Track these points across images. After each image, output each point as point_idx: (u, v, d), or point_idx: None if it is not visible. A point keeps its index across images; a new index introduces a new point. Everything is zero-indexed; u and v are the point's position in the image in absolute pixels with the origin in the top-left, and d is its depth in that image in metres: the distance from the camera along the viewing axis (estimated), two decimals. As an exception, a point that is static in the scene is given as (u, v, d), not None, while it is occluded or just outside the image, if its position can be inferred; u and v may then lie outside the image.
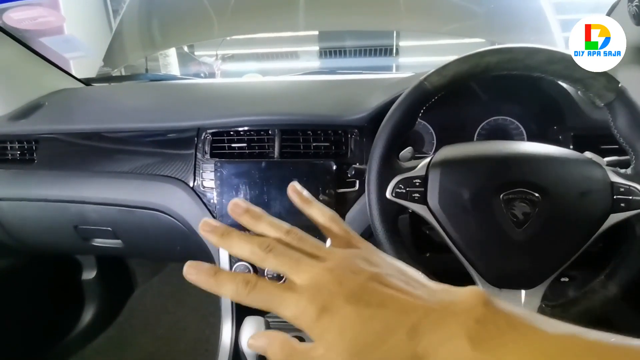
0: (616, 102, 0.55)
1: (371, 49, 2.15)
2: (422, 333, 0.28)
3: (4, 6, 1.14)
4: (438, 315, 0.29)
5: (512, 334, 0.28)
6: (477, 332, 0.28)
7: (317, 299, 0.28)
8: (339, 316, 0.28)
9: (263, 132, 0.86)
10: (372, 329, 0.28)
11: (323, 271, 0.29)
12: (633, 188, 0.56)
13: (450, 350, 0.28)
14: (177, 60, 2.29)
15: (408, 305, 0.29)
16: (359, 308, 0.28)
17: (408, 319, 0.29)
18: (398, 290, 0.30)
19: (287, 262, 0.30)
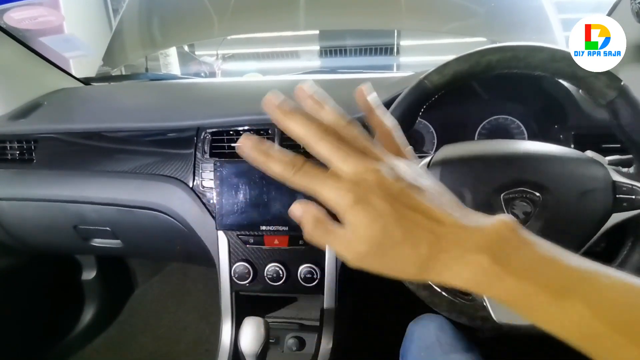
0: (618, 101, 0.54)
1: (372, 48, 2.14)
2: (446, 243, 0.30)
3: (5, 6, 1.14)
4: (467, 230, 0.30)
5: (534, 258, 0.29)
6: (500, 251, 0.29)
7: (356, 190, 0.30)
8: (372, 208, 0.30)
9: (262, 132, 0.85)
10: (398, 226, 0.30)
11: (368, 168, 0.31)
12: (636, 187, 0.55)
13: (469, 261, 0.29)
14: (177, 59, 2.29)
15: (441, 217, 0.31)
16: (393, 206, 0.30)
17: (438, 227, 0.30)
18: (434, 204, 0.31)
19: (337, 151, 0.31)
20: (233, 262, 0.85)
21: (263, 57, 2.51)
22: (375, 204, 0.30)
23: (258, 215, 0.81)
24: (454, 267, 0.30)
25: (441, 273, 0.31)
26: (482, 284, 0.30)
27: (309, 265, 0.82)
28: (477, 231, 0.31)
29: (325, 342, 0.85)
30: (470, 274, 0.30)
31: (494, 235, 0.30)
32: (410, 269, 0.31)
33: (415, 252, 0.30)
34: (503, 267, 0.29)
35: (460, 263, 0.30)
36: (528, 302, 0.29)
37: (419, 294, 0.59)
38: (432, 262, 0.30)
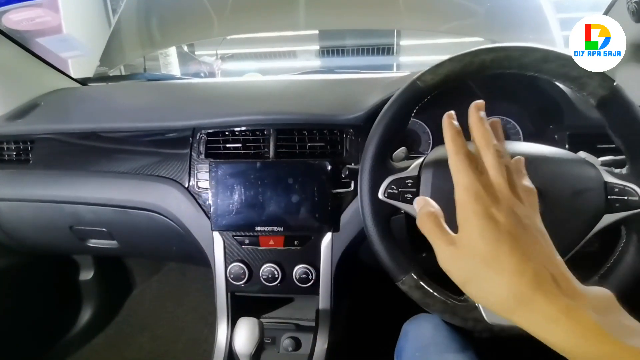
0: (611, 101, 0.54)
1: (371, 48, 2.15)
2: (547, 288, 0.31)
3: (4, 9, 1.14)
4: (571, 284, 0.32)
5: (631, 327, 0.30)
6: (603, 313, 0.30)
7: (489, 201, 0.35)
8: (494, 221, 0.33)
9: (258, 132, 0.85)
10: (509, 246, 0.32)
11: (509, 194, 0.36)
12: (628, 188, 0.55)
13: (570, 316, 0.30)
14: (177, 59, 2.29)
15: (551, 256, 0.34)
16: (513, 228, 0.33)
17: (546, 263, 0.33)
18: (549, 246, 0.35)
19: (497, 166, 0.37)
20: (228, 263, 0.85)
21: (262, 57, 2.51)
22: (498, 217, 0.33)
23: (253, 216, 0.81)
24: (550, 314, 0.30)
25: (534, 315, 0.31)
26: (579, 341, 0.30)
27: (305, 266, 0.82)
28: (582, 290, 0.32)
29: (321, 342, 0.85)
30: (569, 328, 0.30)
31: (599, 298, 0.31)
32: (505, 294, 0.31)
33: (517, 278, 0.31)
34: (605, 329, 0.29)
35: (560, 313, 0.30)
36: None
37: (412, 294, 0.59)
38: (528, 298, 0.30)
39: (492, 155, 0.38)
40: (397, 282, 0.59)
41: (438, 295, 0.58)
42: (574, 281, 0.32)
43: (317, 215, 0.80)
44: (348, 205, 0.81)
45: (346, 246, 0.82)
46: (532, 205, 0.39)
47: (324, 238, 0.82)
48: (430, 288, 0.58)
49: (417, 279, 0.58)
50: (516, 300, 0.31)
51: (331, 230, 0.81)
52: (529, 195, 0.40)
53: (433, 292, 0.58)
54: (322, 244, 0.82)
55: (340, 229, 0.81)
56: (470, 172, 0.36)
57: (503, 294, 0.32)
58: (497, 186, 0.36)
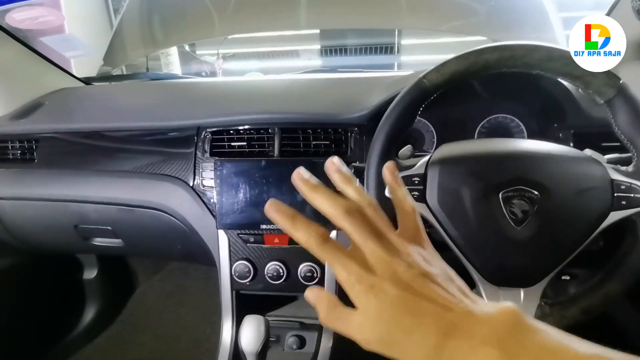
0: (617, 99, 0.54)
1: (373, 47, 2.15)
2: (455, 331, 0.31)
3: (7, 7, 1.14)
4: (476, 319, 0.31)
5: (543, 348, 0.30)
6: (508, 343, 0.30)
7: (370, 278, 0.32)
8: (384, 296, 0.31)
9: (263, 131, 0.86)
10: (409, 313, 0.31)
11: (384, 256, 0.33)
12: (634, 185, 0.55)
13: (479, 352, 0.30)
14: (178, 59, 2.29)
15: (450, 304, 0.32)
16: (404, 294, 0.31)
17: (447, 314, 0.31)
18: (443, 291, 0.32)
19: (359, 232, 0.34)
20: (233, 261, 0.85)
21: (264, 57, 2.51)
22: (387, 291, 0.32)
23: (258, 214, 0.81)
24: (465, 355, 0.30)
25: (456, 356, 0.31)
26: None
27: (309, 264, 0.83)
28: (486, 321, 0.31)
29: (326, 340, 0.85)
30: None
31: (501, 325, 0.31)
32: (420, 356, 0.31)
33: (424, 340, 0.31)
34: (512, 356, 0.29)
35: (469, 354, 0.30)
36: None
37: None
38: (441, 350, 0.30)
39: (350, 223, 0.34)
40: None
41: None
42: (474, 315, 0.32)
43: (322, 213, 0.80)
44: (353, 204, 0.81)
45: (351, 244, 0.82)
46: (415, 239, 0.37)
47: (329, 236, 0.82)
48: None
49: (423, 276, 0.58)
50: (434, 356, 0.31)
51: (336, 228, 0.81)
52: (407, 232, 0.37)
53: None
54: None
55: (345, 227, 0.81)
56: (339, 254, 0.34)
57: (422, 355, 0.31)
58: (370, 254, 0.33)
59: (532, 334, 0.30)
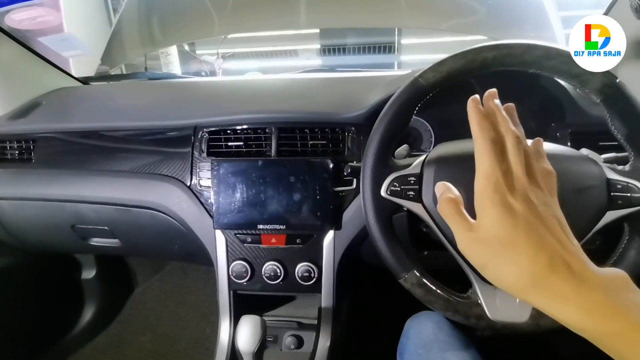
0: (613, 98, 0.54)
1: (372, 46, 2.14)
2: (560, 271, 0.33)
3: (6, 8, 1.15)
4: (584, 265, 0.34)
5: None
6: (614, 295, 0.32)
7: (506, 191, 0.37)
8: (510, 210, 0.35)
9: (260, 130, 0.85)
10: (525, 236, 0.34)
11: (524, 182, 0.38)
12: (631, 185, 0.55)
13: (581, 294, 0.32)
14: (178, 58, 2.29)
15: (567, 245, 0.35)
16: (530, 217, 0.35)
17: (559, 252, 0.34)
18: (565, 234, 0.36)
19: (515, 155, 0.39)
20: (231, 261, 0.85)
21: (264, 56, 2.51)
22: (516, 208, 0.35)
23: (255, 214, 0.81)
24: (563, 293, 0.32)
25: (547, 295, 0.33)
26: (590, 319, 0.32)
27: (307, 264, 0.82)
28: (596, 272, 0.33)
29: (323, 340, 0.85)
30: (580, 306, 0.32)
31: (610, 280, 0.33)
32: (514, 279, 0.34)
33: (533, 261, 0.33)
34: (615, 307, 0.31)
35: (572, 292, 0.32)
36: (631, 344, 0.31)
37: (414, 292, 0.59)
38: (540, 281, 0.33)
39: (511, 141, 0.39)
40: (399, 280, 0.59)
41: (440, 292, 0.58)
42: (587, 263, 0.34)
43: (319, 214, 0.80)
44: (350, 203, 0.81)
45: (348, 244, 0.82)
46: (550, 189, 0.41)
47: (326, 236, 0.82)
48: (432, 285, 0.58)
49: (419, 276, 0.58)
50: (531, 282, 0.33)
51: (333, 228, 0.81)
52: (546, 177, 0.42)
53: (435, 289, 0.58)
54: (324, 242, 0.82)
55: (342, 227, 0.81)
56: (493, 158, 0.38)
57: (519, 277, 0.34)
58: (515, 174, 0.38)
59: (635, 298, 0.32)
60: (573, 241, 0.36)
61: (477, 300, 0.57)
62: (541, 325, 0.55)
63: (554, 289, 0.32)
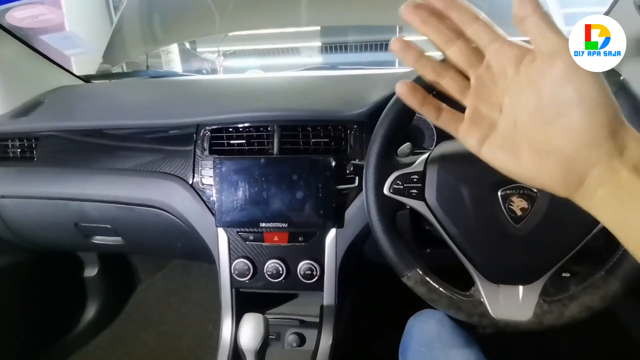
0: (617, 95, 0.54)
1: (374, 44, 2.14)
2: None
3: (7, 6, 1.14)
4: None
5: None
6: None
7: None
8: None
9: (262, 129, 0.85)
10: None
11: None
12: None
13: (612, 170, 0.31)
14: (179, 56, 2.29)
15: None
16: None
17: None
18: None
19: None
20: (233, 259, 0.85)
21: (265, 54, 2.50)
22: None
23: (258, 212, 0.81)
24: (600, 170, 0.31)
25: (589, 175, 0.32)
26: (619, 195, 0.31)
27: (309, 262, 0.83)
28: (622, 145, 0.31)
29: (326, 338, 0.85)
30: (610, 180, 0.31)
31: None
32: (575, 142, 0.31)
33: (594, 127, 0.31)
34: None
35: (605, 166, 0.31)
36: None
37: (417, 290, 0.59)
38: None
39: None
40: (402, 278, 0.59)
41: (443, 290, 0.58)
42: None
43: (322, 212, 0.80)
44: (352, 201, 0.81)
45: (351, 242, 0.82)
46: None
47: (329, 234, 0.82)
48: (435, 283, 0.58)
49: (422, 274, 0.58)
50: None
51: (335, 226, 0.81)
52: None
53: (438, 287, 0.58)
54: (327, 240, 0.82)
55: (345, 224, 0.81)
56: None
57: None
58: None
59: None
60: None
61: (479, 298, 0.57)
62: (544, 323, 0.56)
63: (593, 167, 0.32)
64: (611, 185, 0.32)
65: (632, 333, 1.03)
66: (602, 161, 0.32)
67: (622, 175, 0.31)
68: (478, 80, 0.35)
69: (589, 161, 0.32)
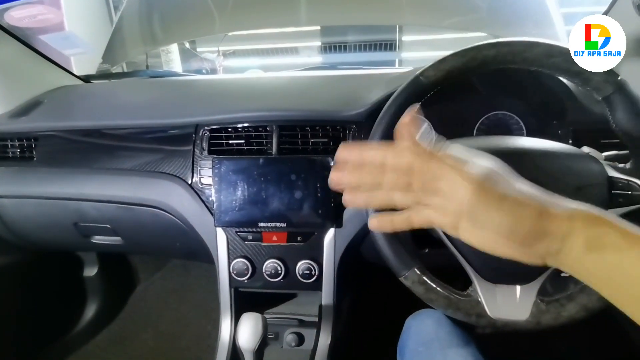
0: (615, 96, 0.54)
1: (373, 44, 2.14)
2: (552, 216, 0.34)
3: (6, 6, 1.14)
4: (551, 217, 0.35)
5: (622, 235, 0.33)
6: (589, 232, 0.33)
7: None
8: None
9: (261, 128, 0.85)
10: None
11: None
12: (632, 183, 0.55)
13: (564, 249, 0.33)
14: (179, 56, 2.29)
15: (524, 201, 0.36)
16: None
17: (546, 202, 0.36)
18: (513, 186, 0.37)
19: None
20: (232, 259, 0.85)
21: (264, 54, 2.50)
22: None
23: (256, 212, 0.81)
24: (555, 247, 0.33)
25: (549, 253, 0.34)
26: (576, 266, 0.33)
27: (308, 262, 0.83)
28: (564, 216, 0.34)
29: (324, 337, 0.85)
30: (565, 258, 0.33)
31: (581, 219, 0.34)
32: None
33: (530, 219, 0.34)
34: (596, 249, 0.32)
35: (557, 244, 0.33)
36: (626, 276, 0.32)
37: (415, 290, 0.59)
38: (552, 227, 0.33)
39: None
40: (400, 277, 0.59)
41: (441, 290, 0.58)
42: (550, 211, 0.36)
43: (320, 211, 0.80)
44: (350, 202, 0.81)
45: (349, 242, 0.82)
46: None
47: (327, 234, 0.82)
48: (433, 283, 0.58)
49: (420, 274, 0.58)
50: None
51: (334, 226, 0.81)
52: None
53: (436, 287, 0.58)
54: (325, 239, 0.82)
55: (343, 224, 0.81)
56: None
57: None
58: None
59: (612, 224, 0.33)
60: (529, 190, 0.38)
61: (477, 298, 0.57)
62: (541, 323, 0.56)
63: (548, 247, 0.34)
64: (568, 264, 0.34)
65: (630, 333, 1.03)
66: (544, 256, 0.34)
67: (573, 256, 0.33)
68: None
69: (531, 255, 0.35)
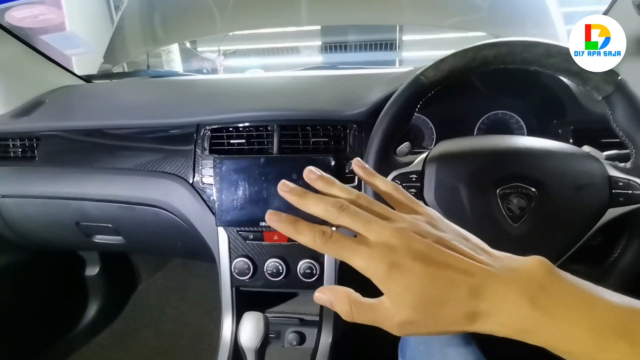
0: (615, 95, 0.54)
1: (374, 44, 2.14)
2: (483, 293, 0.30)
3: (6, 5, 1.15)
4: (500, 279, 0.31)
5: (573, 301, 0.30)
6: (538, 296, 0.29)
7: (388, 256, 0.31)
8: (407, 272, 0.30)
9: (262, 128, 0.86)
10: (436, 286, 0.30)
11: (393, 231, 0.32)
12: (632, 182, 0.55)
13: (509, 310, 0.30)
14: (179, 56, 2.29)
15: (471, 267, 0.31)
16: (426, 266, 0.30)
17: (471, 279, 0.30)
18: (462, 254, 0.32)
19: (359, 220, 0.33)
20: (233, 258, 0.85)
21: (265, 53, 2.51)
22: (408, 267, 0.30)
23: (257, 212, 0.81)
24: (501, 312, 0.30)
25: (487, 324, 0.31)
26: (525, 332, 0.30)
27: (309, 261, 0.83)
28: (510, 279, 0.31)
29: (325, 336, 0.86)
30: (513, 322, 0.30)
31: (529, 279, 0.30)
32: (458, 323, 0.31)
33: (456, 311, 0.30)
34: (543, 312, 0.29)
35: (504, 309, 0.30)
36: (572, 345, 0.29)
37: None
38: (475, 316, 0.30)
39: (347, 216, 0.33)
40: None
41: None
42: (497, 275, 0.31)
43: (321, 211, 0.80)
44: (352, 200, 0.81)
45: (350, 241, 0.82)
46: (414, 212, 0.36)
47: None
48: None
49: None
50: (468, 318, 0.31)
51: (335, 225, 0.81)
52: (404, 208, 0.37)
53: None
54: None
55: (344, 224, 0.81)
56: (348, 244, 0.33)
57: (456, 320, 0.31)
58: (377, 235, 0.32)
59: (562, 285, 0.30)
60: (475, 255, 0.32)
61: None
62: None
63: (489, 318, 0.30)
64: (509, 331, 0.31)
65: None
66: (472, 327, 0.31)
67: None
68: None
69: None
